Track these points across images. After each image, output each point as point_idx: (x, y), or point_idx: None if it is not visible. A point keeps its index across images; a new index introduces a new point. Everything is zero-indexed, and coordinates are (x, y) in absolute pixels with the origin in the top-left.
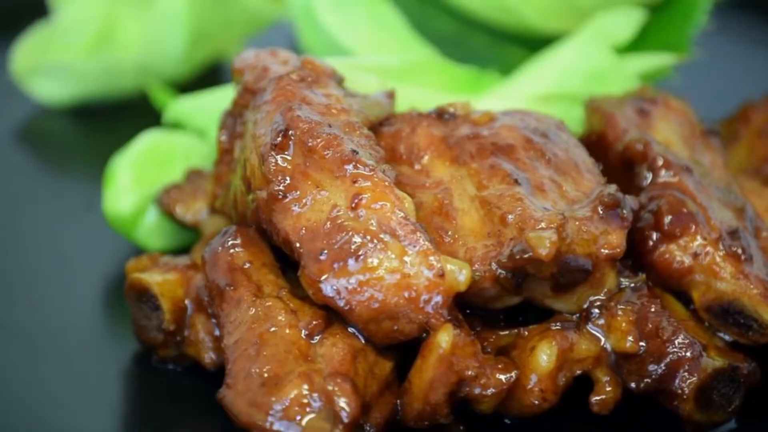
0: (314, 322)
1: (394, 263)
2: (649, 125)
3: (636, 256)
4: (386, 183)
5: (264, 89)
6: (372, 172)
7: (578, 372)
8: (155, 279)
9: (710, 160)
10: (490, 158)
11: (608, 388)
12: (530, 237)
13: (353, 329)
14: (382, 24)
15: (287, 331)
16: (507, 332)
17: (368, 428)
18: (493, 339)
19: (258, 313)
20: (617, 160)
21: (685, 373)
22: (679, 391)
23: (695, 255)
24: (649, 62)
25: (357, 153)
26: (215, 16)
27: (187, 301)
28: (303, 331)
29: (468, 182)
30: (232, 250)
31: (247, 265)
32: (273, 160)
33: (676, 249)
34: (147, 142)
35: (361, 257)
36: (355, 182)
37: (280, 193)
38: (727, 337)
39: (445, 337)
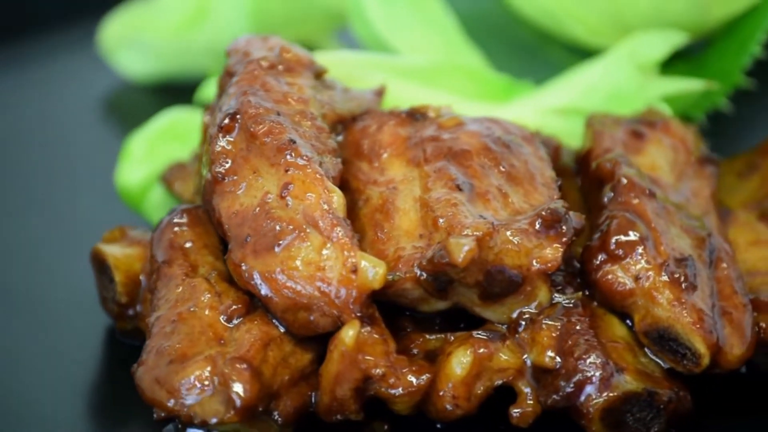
0: (234, 307)
1: (312, 255)
2: (638, 147)
3: (584, 274)
4: (317, 175)
5: (236, 73)
6: (305, 163)
7: (499, 382)
8: (113, 251)
9: (695, 188)
10: (441, 162)
11: (529, 401)
12: (449, 242)
13: (273, 318)
14: (429, 24)
15: (207, 312)
16: (435, 336)
17: (276, 416)
18: (421, 342)
19: (184, 291)
20: (592, 177)
21: (591, 393)
22: (584, 410)
23: (637, 278)
24: (674, 86)
25: (294, 143)
26: (283, 7)
27: (141, 276)
28: (222, 314)
29: (417, 183)
30: (176, 228)
31: (188, 245)
32: (218, 142)
33: (619, 270)
34: (167, 119)
35: (282, 246)
36: (287, 171)
37: (220, 175)
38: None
39: (349, 333)
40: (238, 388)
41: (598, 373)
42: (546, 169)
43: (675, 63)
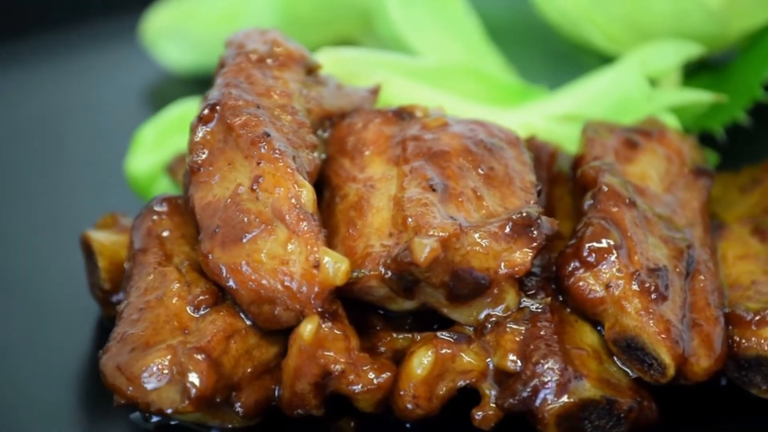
0: (202, 297)
1: (277, 249)
2: (630, 156)
3: (557, 280)
4: (288, 169)
5: (226, 64)
6: (277, 156)
7: (463, 383)
8: (99, 237)
9: (684, 199)
10: (419, 161)
11: (492, 404)
12: (413, 242)
13: (240, 310)
14: (449, 26)
15: (174, 300)
16: (403, 336)
17: (238, 407)
18: (389, 340)
19: (154, 280)
20: (577, 184)
21: (547, 398)
22: (540, 415)
23: (607, 286)
24: (681, 97)
25: (269, 136)
26: (314, 4)
27: (126, 264)
28: (189, 304)
29: (394, 182)
30: (154, 216)
31: (166, 233)
32: (196, 132)
33: (590, 278)
34: (178, 109)
35: (248, 238)
36: (258, 164)
37: (197, 165)
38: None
39: (307, 328)
40: (194, 378)
41: (554, 379)
42: (527, 174)
43: (700, 74)
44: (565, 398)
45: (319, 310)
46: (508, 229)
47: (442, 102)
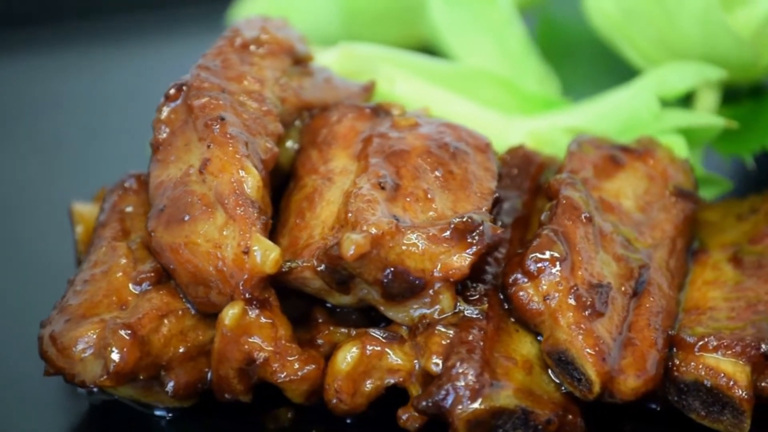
0: (144, 274)
1: (214, 233)
2: (609, 172)
3: (503, 288)
4: (237, 155)
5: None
6: (227, 141)
7: (390, 382)
8: (79, 208)
9: (657, 220)
10: (377, 159)
11: None
12: (344, 237)
13: (181, 291)
14: (490, 32)
15: (118, 275)
16: (341, 330)
17: (169, 387)
18: (328, 333)
19: (105, 254)
20: (545, 195)
21: (459, 403)
22: (451, 420)
23: (545, 298)
24: (690, 119)
25: (223, 119)
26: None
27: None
28: (132, 281)
29: (350, 177)
30: (120, 191)
31: (129, 209)
32: (161, 110)
33: (531, 288)
34: None
35: (189, 220)
36: (209, 146)
37: (158, 143)
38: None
39: (229, 313)
40: (114, 353)
41: (468, 384)
42: (487, 181)
43: (742, 101)
44: (476, 404)
45: (247, 296)
46: (447, 233)
47: (452, 104)
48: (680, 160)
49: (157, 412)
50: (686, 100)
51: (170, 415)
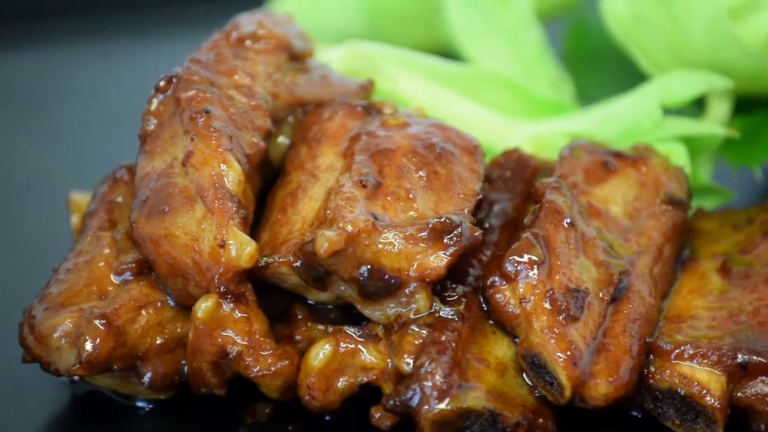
0: (126, 265)
1: (192, 225)
2: (600, 178)
3: (482, 290)
4: (219, 149)
5: None
6: (211, 134)
7: (364, 380)
8: (76, 198)
9: (645, 228)
10: (362, 157)
11: None
12: (318, 233)
13: (161, 283)
14: (505, 35)
15: (100, 264)
16: (318, 327)
17: (146, 379)
18: (305, 330)
19: (89, 243)
20: (533, 198)
21: (425, 403)
22: (417, 419)
23: (521, 301)
24: (691, 127)
25: (208, 112)
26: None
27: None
28: (114, 271)
29: (335, 174)
30: (110, 182)
31: (119, 199)
32: (151, 102)
33: (507, 290)
34: None
35: (169, 212)
36: (192, 139)
37: (145, 134)
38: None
39: (201, 306)
40: (87, 343)
41: (436, 384)
42: (471, 182)
43: (758, 111)
44: (443, 404)
45: (222, 290)
46: (425, 233)
47: (455, 105)
48: (675, 168)
49: (139, 403)
50: (699, 109)
51: (150, 406)
